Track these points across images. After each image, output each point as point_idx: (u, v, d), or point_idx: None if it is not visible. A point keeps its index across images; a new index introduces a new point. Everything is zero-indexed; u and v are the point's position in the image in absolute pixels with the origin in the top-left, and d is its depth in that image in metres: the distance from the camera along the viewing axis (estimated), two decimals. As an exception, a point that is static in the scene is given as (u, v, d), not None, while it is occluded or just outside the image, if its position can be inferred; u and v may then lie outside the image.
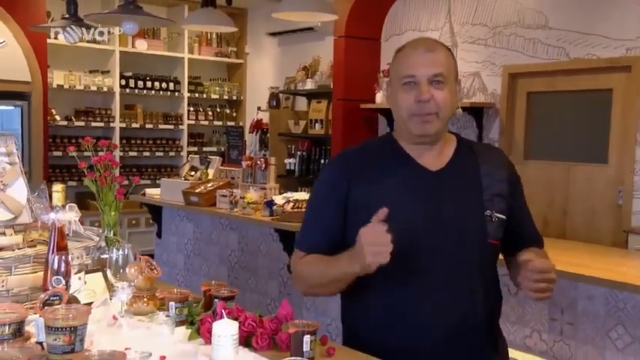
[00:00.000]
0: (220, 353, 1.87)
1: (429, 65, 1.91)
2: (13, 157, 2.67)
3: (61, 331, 1.75)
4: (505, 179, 2.04)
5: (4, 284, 2.25)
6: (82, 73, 8.53)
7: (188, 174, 6.39)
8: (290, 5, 5.54)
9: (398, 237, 1.79)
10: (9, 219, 2.56)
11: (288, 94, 8.96)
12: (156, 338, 2.06)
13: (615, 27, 5.82)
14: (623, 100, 5.83)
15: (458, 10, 6.91)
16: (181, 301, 2.33)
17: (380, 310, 2.01)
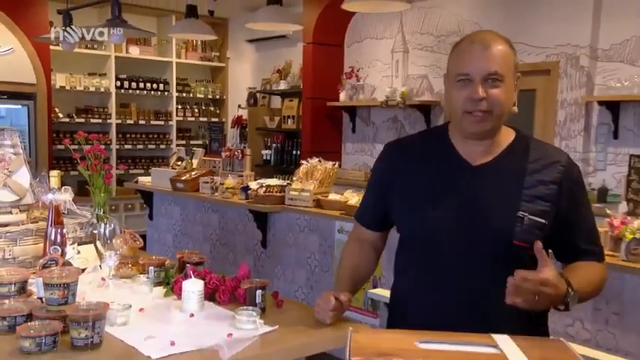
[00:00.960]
0: (189, 305, 2.01)
1: (485, 63, 1.69)
2: (17, 148, 2.73)
3: (56, 287, 1.85)
4: (555, 181, 1.72)
5: (10, 253, 2.33)
6: (81, 76, 8.49)
7: (175, 164, 6.45)
8: (264, 16, 5.60)
9: (427, 224, 1.78)
10: (14, 200, 2.63)
11: (264, 94, 8.93)
12: (137, 295, 2.18)
13: (537, 37, 5.97)
14: (544, 98, 6.04)
15: (409, 21, 6.96)
16: (159, 265, 2.42)
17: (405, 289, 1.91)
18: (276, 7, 5.52)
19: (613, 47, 5.62)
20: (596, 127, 5.75)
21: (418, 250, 1.84)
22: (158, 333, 1.83)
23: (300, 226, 4.87)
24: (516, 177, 1.74)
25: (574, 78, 5.78)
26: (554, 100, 5.90)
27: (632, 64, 5.50)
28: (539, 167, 1.74)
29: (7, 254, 2.33)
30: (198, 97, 9.68)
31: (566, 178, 1.73)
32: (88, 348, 1.71)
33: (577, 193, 1.77)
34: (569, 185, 1.74)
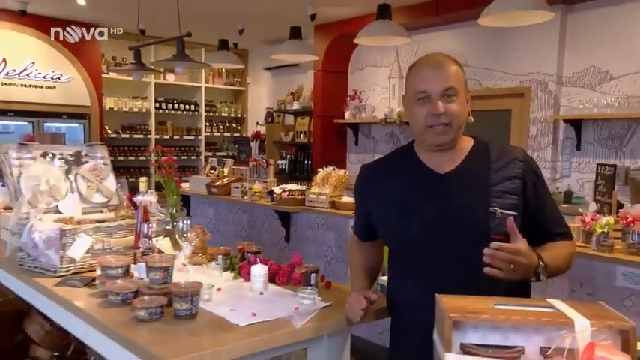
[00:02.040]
0: (257, 285, 2.11)
1: (440, 80, 1.62)
2: (105, 160, 2.87)
3: (158, 270, 1.95)
4: (518, 176, 1.65)
5: (108, 244, 2.42)
6: (127, 99, 8.57)
7: (209, 172, 6.47)
8: (286, 49, 5.71)
9: (408, 231, 1.71)
10: (105, 201, 2.77)
11: (279, 113, 8.90)
12: (211, 278, 2.24)
13: (512, 66, 6.09)
14: (519, 117, 6.12)
15: (403, 52, 7.03)
16: (225, 254, 2.50)
17: (394, 289, 1.84)
18: (296, 41, 5.67)
19: (575, 75, 5.74)
20: (562, 141, 5.86)
21: (403, 257, 1.77)
22: (238, 307, 1.91)
23: (319, 224, 4.92)
24: (483, 177, 1.66)
25: (543, 100, 5.88)
26: (526, 119, 6.00)
27: (591, 88, 5.62)
28: (502, 165, 1.67)
29: (106, 245, 2.41)
30: (223, 115, 9.72)
31: (527, 172, 1.67)
32: (188, 317, 1.80)
33: (538, 183, 1.70)
34: (531, 178, 1.67)
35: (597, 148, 5.63)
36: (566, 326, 0.88)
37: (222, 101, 9.84)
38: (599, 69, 5.58)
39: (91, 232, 2.40)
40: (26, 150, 2.61)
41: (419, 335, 1.59)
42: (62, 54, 7.64)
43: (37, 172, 2.55)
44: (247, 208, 5.70)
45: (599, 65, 5.57)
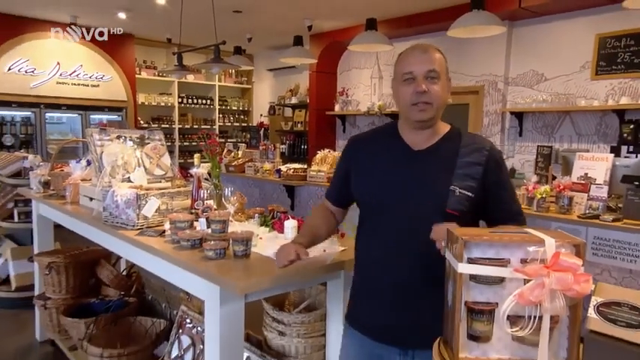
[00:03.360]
0: (289, 234, 2.17)
1: (424, 63, 1.51)
2: (162, 141, 2.90)
3: (218, 223, 2.06)
4: (480, 162, 1.53)
5: (171, 206, 2.49)
6: (155, 95, 8.58)
7: (226, 154, 6.49)
8: (290, 53, 5.79)
9: (378, 197, 1.60)
10: (163, 174, 2.78)
11: (280, 106, 9.01)
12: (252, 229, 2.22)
13: (471, 69, 6.22)
14: (475, 110, 6.27)
15: (382, 56, 7.07)
16: (260, 213, 2.59)
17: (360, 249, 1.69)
18: (298, 48, 5.75)
19: (518, 76, 5.93)
20: (508, 129, 6.03)
21: (370, 220, 1.64)
22: None
23: (318, 195, 5.03)
24: (450, 159, 1.54)
25: (494, 96, 6.06)
26: (481, 111, 6.15)
27: (530, 87, 5.82)
28: (469, 152, 1.55)
29: (169, 206, 2.50)
30: (233, 108, 9.70)
31: (490, 161, 1.54)
32: (243, 256, 1.93)
33: (499, 172, 1.57)
34: (492, 166, 1.54)
35: (535, 134, 5.83)
36: (539, 243, 1.02)
37: (232, 97, 9.81)
38: (537, 72, 5.78)
39: (158, 196, 2.47)
40: (105, 133, 2.68)
41: (380, 291, 1.55)
42: (104, 58, 7.64)
43: (114, 150, 2.61)
44: (259, 183, 5.76)
45: (537, 69, 5.77)
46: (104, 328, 3.01)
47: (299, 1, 5.74)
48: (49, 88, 7.22)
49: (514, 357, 1.08)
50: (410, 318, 1.52)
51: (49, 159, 3.99)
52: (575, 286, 0.96)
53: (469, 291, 1.09)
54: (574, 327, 1.04)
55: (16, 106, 7.04)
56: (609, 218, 3.16)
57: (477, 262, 1.07)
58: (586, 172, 3.56)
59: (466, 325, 1.10)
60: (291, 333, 2.30)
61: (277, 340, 2.34)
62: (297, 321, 2.29)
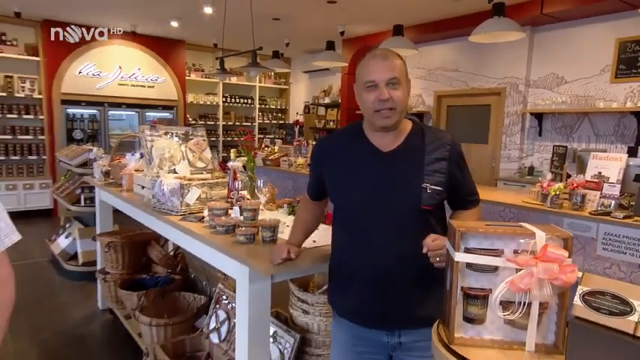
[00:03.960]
0: None
1: (385, 71, 1.45)
2: (204, 137, 2.94)
3: (249, 211, 2.10)
4: (445, 157, 1.49)
5: (209, 195, 2.54)
6: (202, 95, 8.68)
7: (263, 148, 6.46)
8: (324, 57, 5.75)
9: (351, 200, 1.55)
10: (204, 166, 2.84)
11: (314, 105, 9.00)
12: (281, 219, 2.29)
13: (493, 71, 6.06)
14: (496, 110, 6.09)
15: (409, 60, 6.83)
16: (289, 203, 2.68)
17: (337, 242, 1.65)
18: (331, 52, 5.74)
19: (539, 79, 5.73)
20: (528, 129, 5.86)
21: (347, 221, 1.59)
22: None
23: None
24: (418, 157, 1.50)
25: (515, 98, 5.89)
26: (502, 112, 6.00)
27: (550, 90, 5.63)
28: (434, 147, 1.50)
29: (208, 195, 2.55)
30: (272, 107, 9.72)
31: (452, 154, 1.51)
32: (270, 242, 1.98)
33: (461, 163, 1.54)
34: (455, 158, 1.52)
35: (554, 134, 5.65)
36: (530, 236, 1.01)
37: (271, 96, 9.85)
38: (557, 75, 5.58)
39: (199, 186, 2.52)
40: (155, 130, 2.75)
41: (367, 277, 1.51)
42: (159, 62, 7.81)
43: (162, 145, 2.68)
44: (292, 176, 5.71)
45: (557, 72, 5.57)
46: (153, 301, 3.12)
47: (333, 9, 5.73)
48: (112, 89, 7.46)
49: (506, 339, 1.08)
50: (392, 304, 1.50)
51: (112, 152, 4.15)
52: (561, 276, 0.96)
53: (465, 278, 1.10)
54: (562, 313, 1.03)
55: (84, 105, 7.31)
56: (620, 215, 3.04)
57: (473, 251, 1.07)
58: (600, 170, 3.42)
59: (462, 309, 1.11)
60: (314, 312, 2.33)
61: (302, 317, 2.38)
62: (319, 301, 2.31)
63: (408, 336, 1.54)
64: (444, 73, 6.68)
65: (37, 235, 5.73)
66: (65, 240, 5.05)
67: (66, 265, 4.73)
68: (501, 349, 1.06)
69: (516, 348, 1.06)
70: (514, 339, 1.07)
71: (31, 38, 7.06)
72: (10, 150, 6.99)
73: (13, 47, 6.85)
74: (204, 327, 2.83)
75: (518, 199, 3.55)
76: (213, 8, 5.53)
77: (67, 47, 7.01)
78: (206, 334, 2.79)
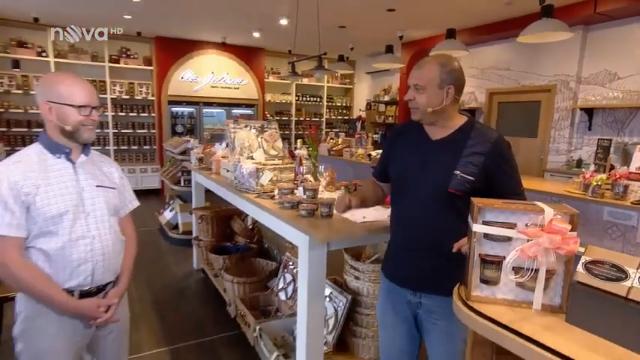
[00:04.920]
0: None
1: (413, 78, 1.52)
2: (276, 129, 3.05)
3: (311, 190, 2.16)
4: (483, 152, 1.47)
5: (280, 177, 2.64)
6: (278, 94, 8.88)
7: (329, 140, 6.55)
8: (384, 59, 5.73)
9: (398, 176, 1.64)
10: (276, 154, 2.96)
11: (375, 103, 8.85)
12: None
13: (543, 68, 5.71)
14: (546, 106, 5.75)
15: (463, 60, 6.60)
16: (346, 186, 2.69)
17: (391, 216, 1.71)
18: (390, 55, 5.70)
19: (591, 75, 5.31)
20: (578, 123, 5.47)
21: (398, 192, 1.66)
22: (356, 213, 2.02)
23: None
24: (458, 148, 1.50)
25: (565, 94, 5.51)
26: (552, 108, 5.64)
27: (602, 85, 5.20)
28: (476, 142, 1.49)
29: (278, 178, 2.64)
30: (337, 104, 9.74)
31: (492, 151, 1.47)
32: (327, 216, 2.05)
33: (500, 161, 1.48)
34: (495, 155, 1.47)
35: (604, 129, 5.22)
36: (540, 212, 1.02)
37: (337, 95, 9.87)
38: (610, 71, 5.14)
39: (271, 170, 2.63)
40: (237, 123, 2.91)
41: (400, 250, 1.63)
42: (243, 68, 8.10)
43: (242, 135, 2.84)
44: (353, 165, 5.75)
45: (610, 68, 5.13)
46: (235, 264, 3.35)
47: (392, 17, 5.68)
48: (206, 91, 7.88)
49: (516, 299, 1.11)
50: (418, 270, 1.58)
51: (204, 142, 4.47)
52: (564, 246, 0.98)
53: (482, 246, 1.14)
54: (567, 279, 1.05)
55: (184, 105, 7.82)
56: (662, 205, 2.82)
57: (490, 224, 1.11)
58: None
59: (479, 272, 1.15)
60: (364, 278, 2.41)
61: (353, 282, 2.47)
62: (368, 269, 2.39)
63: (428, 299, 1.59)
64: (496, 71, 6.38)
65: (150, 209, 6.31)
66: (169, 213, 5.53)
67: (170, 233, 5.18)
68: (511, 307, 1.09)
69: (525, 306, 1.09)
70: (523, 299, 1.10)
71: (147, 52, 7.68)
72: (130, 141, 7.72)
73: (134, 60, 7.52)
74: (274, 287, 3.00)
75: (561, 189, 3.42)
76: (288, 20, 5.69)
77: (173, 57, 7.56)
78: (275, 292, 2.97)
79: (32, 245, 1.48)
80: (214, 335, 3.03)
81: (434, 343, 1.63)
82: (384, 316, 1.76)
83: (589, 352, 0.87)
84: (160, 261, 4.56)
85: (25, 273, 1.44)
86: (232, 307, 2.98)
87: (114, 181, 1.70)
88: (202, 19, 6.14)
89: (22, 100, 6.79)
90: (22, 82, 6.75)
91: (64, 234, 1.49)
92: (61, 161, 1.56)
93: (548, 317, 1.04)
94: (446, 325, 1.58)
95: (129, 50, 7.50)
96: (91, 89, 1.57)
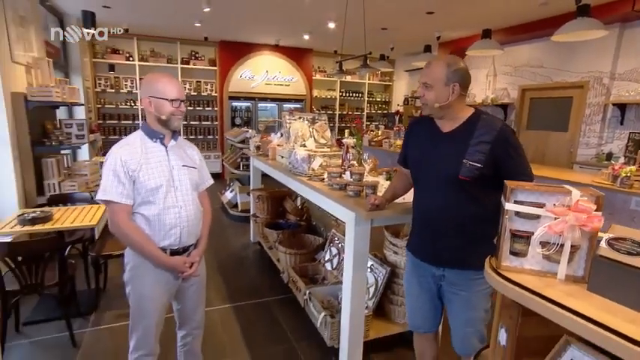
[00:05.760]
0: None
1: (423, 76, 1.55)
2: (325, 121, 3.10)
3: (357, 174, 2.17)
4: (489, 141, 1.47)
5: (329, 163, 2.64)
6: (324, 90, 8.89)
7: (369, 132, 6.54)
8: (421, 58, 5.65)
9: (416, 166, 1.67)
10: (325, 143, 3.01)
11: (412, 98, 8.67)
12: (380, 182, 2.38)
13: (575, 66, 5.40)
14: (578, 102, 5.44)
15: (497, 58, 6.50)
16: (387, 171, 2.69)
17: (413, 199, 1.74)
18: (428, 54, 5.56)
19: (625, 72, 4.95)
20: (609, 118, 5.13)
21: (416, 179, 1.70)
22: None
23: None
24: (466, 139, 1.51)
25: (597, 90, 5.17)
26: (584, 104, 5.32)
27: (636, 82, 4.85)
28: (483, 132, 1.49)
29: (327, 163, 2.67)
30: (377, 100, 9.60)
31: (498, 138, 1.47)
32: (356, 195, 2.04)
33: (506, 146, 1.48)
34: (501, 142, 1.47)
35: (636, 123, 4.87)
36: (567, 193, 1.03)
37: (377, 91, 9.74)
38: (645, 68, 4.80)
39: (321, 157, 2.69)
40: (292, 115, 3.00)
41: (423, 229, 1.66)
42: (293, 66, 8.16)
43: (297, 126, 2.92)
44: (391, 154, 5.65)
45: (646, 65, 4.79)
46: (287, 238, 3.47)
47: (431, 19, 5.55)
48: (261, 88, 8.04)
49: (542, 269, 1.14)
50: (438, 248, 1.62)
51: (260, 132, 4.63)
52: (588, 223, 1.00)
53: (513, 222, 1.17)
54: (590, 254, 1.07)
55: (242, 100, 8.03)
56: (692, 196, 2.65)
57: (521, 203, 1.14)
58: (676, 156, 2.98)
59: (509, 245, 1.19)
60: (401, 253, 2.48)
61: (392, 256, 2.55)
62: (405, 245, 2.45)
63: (450, 273, 1.63)
64: (529, 69, 6.07)
65: (213, 189, 6.62)
66: (230, 194, 5.79)
67: (230, 211, 5.43)
68: (537, 276, 1.13)
69: (549, 276, 1.11)
70: (549, 270, 1.13)
71: (211, 54, 7.95)
72: (197, 132, 8.09)
73: (201, 61, 7.83)
74: (321, 258, 3.11)
75: (589, 179, 3.29)
76: (335, 23, 5.71)
77: (234, 58, 7.78)
78: (322, 263, 3.08)
79: (136, 211, 1.67)
80: (269, 297, 3.18)
81: (456, 311, 1.67)
82: (410, 287, 1.81)
83: (607, 314, 0.90)
84: (223, 234, 4.81)
85: (132, 232, 1.63)
86: (285, 275, 3.12)
87: (195, 162, 1.86)
88: (260, 25, 6.28)
89: (114, 97, 7.34)
90: (115, 82, 7.26)
91: (160, 203, 1.67)
92: (157, 145, 1.73)
93: (571, 286, 1.06)
94: (467, 295, 1.62)
95: (197, 53, 7.82)
96: (180, 86, 1.73)
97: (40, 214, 2.57)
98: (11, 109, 3.09)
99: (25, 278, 2.23)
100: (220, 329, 2.71)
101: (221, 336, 2.64)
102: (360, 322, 2.17)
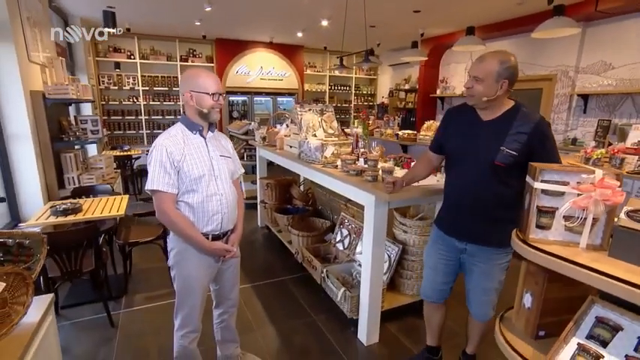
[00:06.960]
0: None
1: (472, 70, 1.54)
2: (333, 112, 3.05)
3: (372, 160, 2.24)
4: (526, 132, 1.48)
5: (339, 151, 2.66)
6: (314, 84, 8.78)
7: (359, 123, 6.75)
8: (409, 54, 5.56)
9: (456, 149, 1.65)
10: (333, 132, 2.95)
11: (396, 91, 8.67)
12: None
13: (545, 60, 5.52)
14: (547, 93, 5.59)
15: (475, 54, 6.42)
16: (394, 158, 2.75)
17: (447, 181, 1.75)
18: (415, 49, 5.53)
19: (588, 66, 5.11)
20: (574, 107, 5.30)
21: (452, 163, 1.70)
22: None
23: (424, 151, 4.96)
24: (505, 128, 1.52)
25: (564, 82, 5.33)
26: (552, 94, 5.48)
27: (597, 74, 5.02)
28: (520, 123, 1.51)
29: (338, 152, 2.66)
30: (363, 92, 9.55)
31: (535, 130, 1.49)
32: (374, 180, 2.08)
33: (542, 138, 1.50)
34: (537, 134, 1.49)
35: (597, 112, 5.06)
36: (591, 172, 1.09)
37: (363, 84, 9.67)
38: (605, 62, 4.94)
39: (332, 145, 2.69)
40: (302, 107, 2.97)
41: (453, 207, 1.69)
42: (286, 62, 8.02)
43: (307, 117, 2.90)
44: (383, 143, 5.59)
45: (606, 59, 4.93)
46: (296, 222, 3.50)
47: (417, 17, 5.56)
48: (256, 83, 7.89)
49: (565, 240, 1.21)
50: (467, 225, 1.67)
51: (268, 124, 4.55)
52: (612, 198, 1.07)
53: (540, 200, 1.23)
54: (608, 225, 1.14)
55: (239, 94, 7.88)
56: (655, 174, 2.81)
57: (548, 182, 1.21)
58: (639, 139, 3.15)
59: (535, 220, 1.25)
60: (410, 232, 2.55)
61: (402, 235, 2.61)
62: (415, 224, 2.52)
63: (472, 247, 1.70)
64: (504, 63, 6.18)
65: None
66: (233, 182, 5.72)
67: (235, 198, 5.38)
68: (561, 246, 1.20)
69: (572, 246, 1.18)
70: (571, 240, 1.20)
71: (209, 51, 7.72)
72: (195, 124, 7.89)
73: (199, 58, 7.59)
74: (331, 239, 3.13)
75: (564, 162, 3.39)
76: (329, 22, 5.65)
77: (230, 55, 7.60)
78: (333, 243, 3.12)
79: (181, 200, 1.66)
80: (283, 277, 3.19)
81: (475, 280, 1.75)
82: (428, 259, 1.89)
83: (630, 274, 0.98)
84: (231, 219, 4.77)
85: (178, 219, 1.63)
86: (300, 255, 3.15)
87: (229, 152, 1.86)
88: (255, 23, 6.15)
89: (117, 94, 7.09)
90: (117, 80, 6.99)
91: (202, 191, 1.66)
92: (196, 136, 1.72)
93: (593, 253, 1.14)
94: (485, 267, 1.69)
95: (195, 51, 7.60)
96: (218, 81, 1.71)
97: (70, 206, 2.51)
98: (31, 107, 2.97)
99: (65, 265, 2.20)
100: (243, 306, 2.74)
101: (245, 313, 2.66)
102: (378, 295, 2.23)
